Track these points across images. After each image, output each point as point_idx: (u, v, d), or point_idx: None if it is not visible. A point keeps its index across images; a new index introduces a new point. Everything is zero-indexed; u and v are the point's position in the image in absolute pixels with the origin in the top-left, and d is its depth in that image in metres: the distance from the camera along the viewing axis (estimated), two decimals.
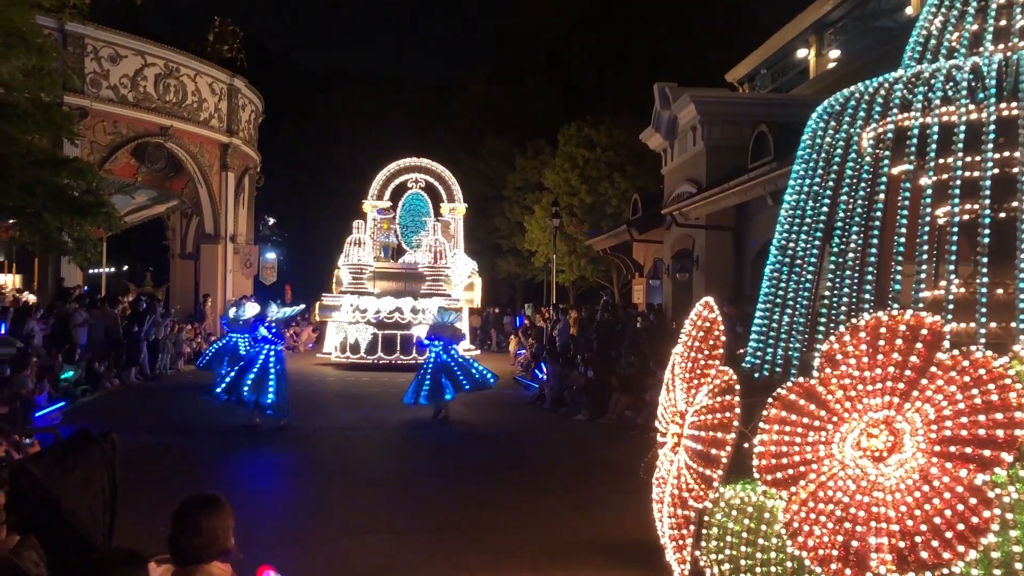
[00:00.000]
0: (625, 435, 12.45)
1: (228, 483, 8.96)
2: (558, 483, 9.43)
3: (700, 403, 5.05)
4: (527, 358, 22.81)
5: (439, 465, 10.57)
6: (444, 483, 9.45)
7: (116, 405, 15.24)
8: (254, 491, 8.71)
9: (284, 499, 8.67)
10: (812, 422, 4.32)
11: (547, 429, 13.64)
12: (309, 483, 9.39)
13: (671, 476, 5.21)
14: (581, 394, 14.65)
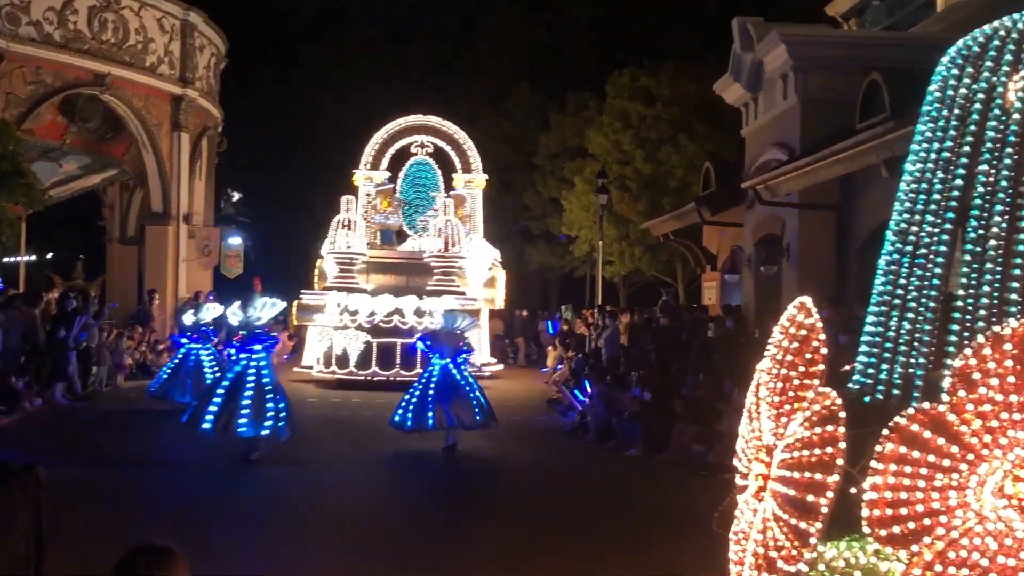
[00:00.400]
0: (693, 476, 12.38)
1: (182, 530, 9.05)
2: (603, 538, 9.42)
3: (793, 435, 5.02)
4: (564, 375, 22.82)
5: (448, 512, 10.60)
6: (455, 535, 9.47)
7: (38, 430, 15.42)
8: (213, 541, 8.79)
9: (251, 553, 8.74)
10: (940, 461, 4.28)
11: (589, 468, 13.62)
12: (282, 534, 9.45)
13: (754, 530, 5.18)
14: (635, 423, 14.61)
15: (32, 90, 23.09)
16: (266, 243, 49.77)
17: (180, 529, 9.05)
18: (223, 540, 8.98)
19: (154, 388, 18.06)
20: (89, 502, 10.03)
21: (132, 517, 9.67)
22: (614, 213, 31.43)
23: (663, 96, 31.09)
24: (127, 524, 9.24)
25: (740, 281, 21.83)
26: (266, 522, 9.92)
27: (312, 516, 10.25)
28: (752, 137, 21.55)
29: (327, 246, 24.76)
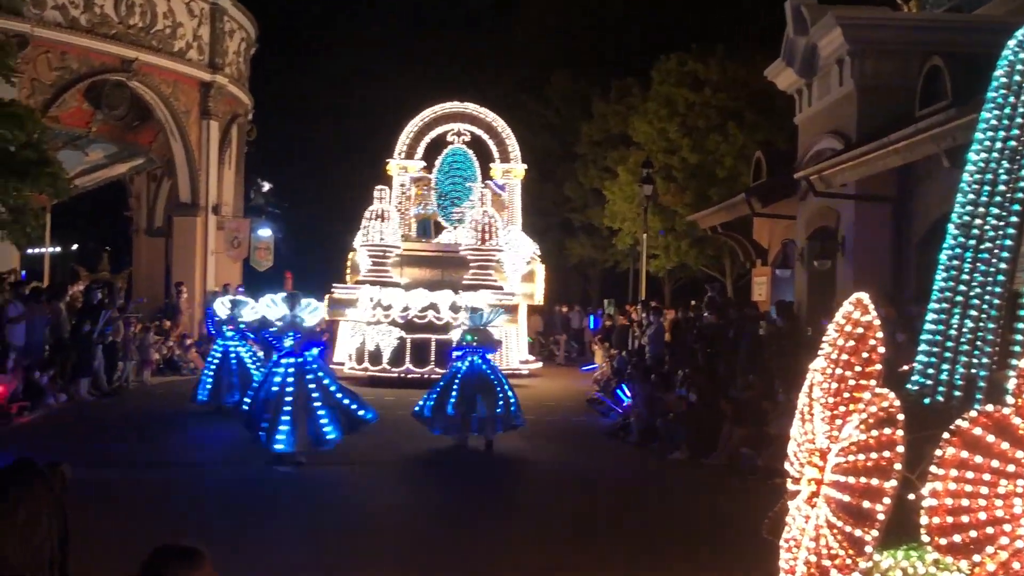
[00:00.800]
0: (741, 481, 12.35)
1: (210, 531, 9.13)
2: (646, 545, 9.41)
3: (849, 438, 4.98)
4: (605, 374, 22.79)
5: (484, 517, 10.61)
6: (491, 540, 9.48)
7: (62, 427, 15.63)
8: (241, 544, 8.86)
9: (280, 556, 8.80)
10: (1004, 466, 4.24)
11: (632, 471, 13.60)
12: (313, 537, 9.51)
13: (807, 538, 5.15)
14: (680, 424, 14.57)
15: (57, 76, 23.38)
16: (297, 235, 50.01)
17: (207, 530, 9.14)
18: (251, 542, 9.06)
19: (204, 398, 17.42)
20: (114, 502, 10.16)
21: (158, 518, 9.76)
22: (659, 204, 31.32)
23: (711, 82, 30.94)
24: (153, 525, 9.33)
25: (792, 276, 21.66)
26: (296, 525, 9.99)
27: (344, 519, 10.31)
28: (805, 125, 21.36)
29: (360, 238, 24.86)
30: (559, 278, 39.89)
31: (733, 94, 30.49)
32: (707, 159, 30.66)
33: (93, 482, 10.29)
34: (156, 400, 19.51)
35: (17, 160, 16.09)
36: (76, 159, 27.53)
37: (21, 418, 15.73)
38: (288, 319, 12.73)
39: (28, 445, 13.38)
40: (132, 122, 27.23)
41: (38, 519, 3.23)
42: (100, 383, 19.36)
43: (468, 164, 27.71)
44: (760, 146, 25.96)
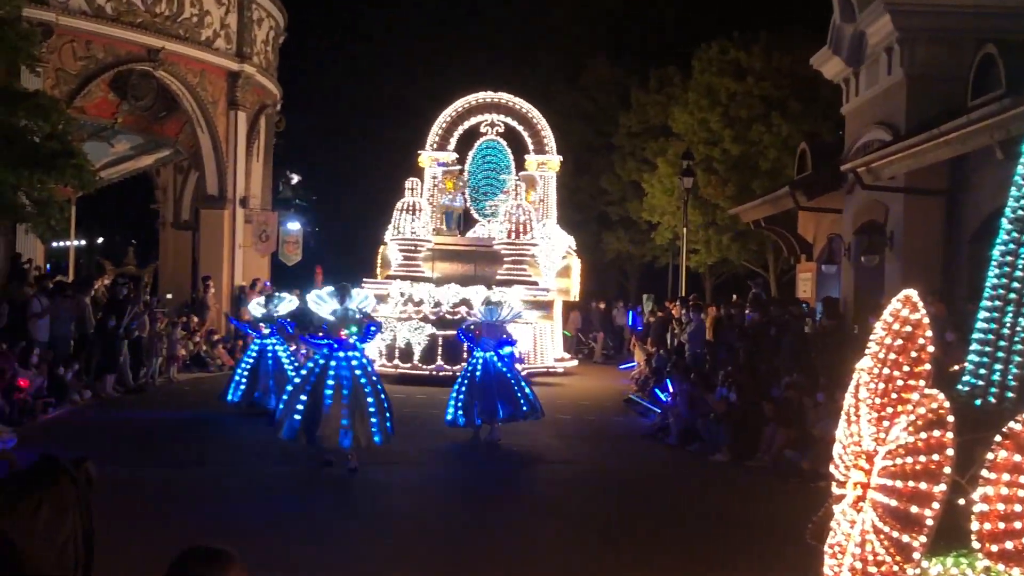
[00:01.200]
0: (784, 484, 12.31)
1: (237, 532, 9.20)
2: (687, 549, 9.40)
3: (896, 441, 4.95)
4: (643, 372, 22.74)
5: (518, 519, 10.63)
6: (526, 543, 9.50)
7: (88, 425, 15.79)
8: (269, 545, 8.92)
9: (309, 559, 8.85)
10: None
11: (671, 473, 13.58)
12: (344, 539, 9.56)
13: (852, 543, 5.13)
14: (721, 425, 14.53)
15: (82, 66, 23.57)
16: (326, 229, 50.36)
17: (234, 531, 9.21)
18: (281, 543, 9.11)
19: (236, 399, 17.12)
20: (141, 501, 10.26)
21: (184, 518, 9.85)
22: (700, 198, 31.23)
23: (755, 71, 30.79)
24: (179, 525, 9.43)
25: (838, 272, 21.54)
26: (328, 525, 10.03)
27: (376, 520, 10.36)
28: (853, 115, 21.22)
29: (390, 232, 24.94)
30: (595, 273, 39.85)
31: (777, 83, 30.33)
32: (750, 151, 30.52)
33: (119, 480, 10.40)
34: (183, 397, 19.66)
35: (42, 152, 16.24)
36: (101, 151, 27.79)
37: (46, 415, 15.90)
38: (340, 313, 12.49)
39: (53, 442, 13.53)
40: (158, 113, 27.42)
41: (63, 518, 3.26)
42: (125, 379, 19.53)
43: (502, 156, 27.74)
44: (805, 137, 25.79)
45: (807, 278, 24.22)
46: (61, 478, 3.33)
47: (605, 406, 20.28)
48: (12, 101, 15.98)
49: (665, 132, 34.55)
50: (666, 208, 33.62)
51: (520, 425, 16.22)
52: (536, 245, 24.87)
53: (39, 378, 16.30)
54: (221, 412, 16.93)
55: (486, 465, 13.64)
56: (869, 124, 19.84)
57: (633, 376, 23.98)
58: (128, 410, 17.59)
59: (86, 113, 24.40)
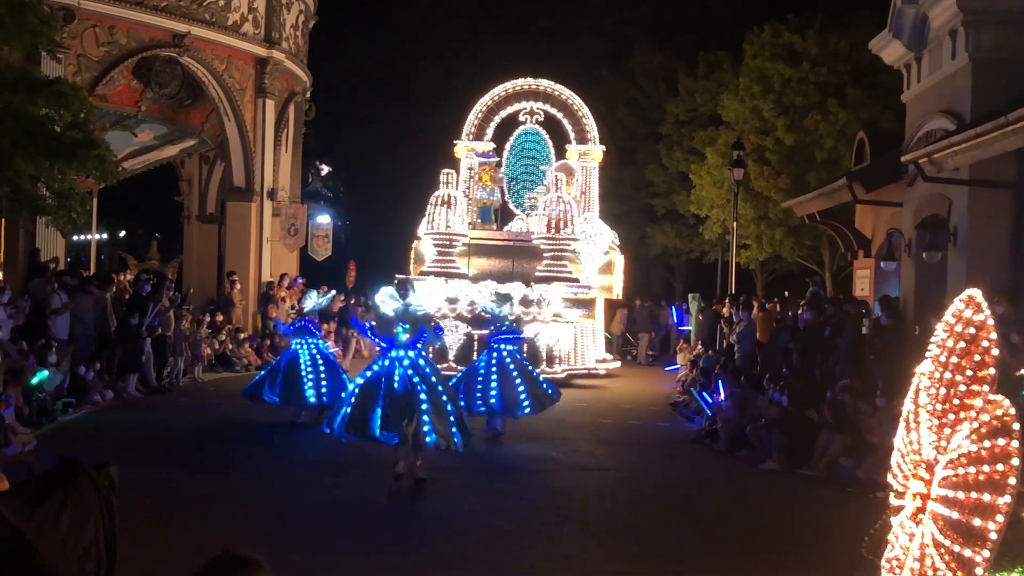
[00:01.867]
0: (839, 494, 12.26)
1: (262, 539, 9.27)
2: (736, 562, 9.38)
3: (958, 449, 4.92)
4: (688, 374, 22.68)
5: (557, 529, 10.63)
6: (565, 555, 9.50)
7: (108, 425, 15.94)
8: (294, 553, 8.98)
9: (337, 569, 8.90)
10: None
11: (719, 481, 13.54)
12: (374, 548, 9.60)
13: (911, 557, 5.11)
14: (772, 431, 14.47)
15: (105, 52, 23.75)
16: (357, 222, 50.50)
17: (259, 538, 9.28)
18: (314, 553, 9.17)
19: (273, 398, 16.42)
20: (166, 506, 10.35)
21: (209, 524, 9.94)
22: (751, 190, 31.08)
23: (810, 55, 30.56)
24: (203, 531, 9.52)
25: (898, 270, 21.36)
26: (362, 535, 10.08)
27: (408, 530, 10.38)
28: (914, 103, 21.04)
29: (424, 226, 25.00)
30: (640, 270, 39.81)
31: (834, 69, 30.09)
32: (804, 140, 30.33)
33: (142, 484, 10.50)
34: (209, 398, 19.80)
35: (62, 141, 16.40)
36: (124, 140, 28.02)
37: (65, 416, 16.08)
38: (400, 310, 12.39)
39: (73, 444, 13.69)
40: (183, 101, 27.63)
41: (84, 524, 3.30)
42: (148, 380, 19.70)
43: (541, 146, 27.72)
44: (863, 126, 25.61)
45: (864, 276, 24.06)
46: (83, 482, 3.37)
47: (649, 410, 20.26)
48: (32, 89, 16.13)
49: (714, 120, 34.39)
50: (715, 201, 33.47)
51: (558, 430, 16.29)
52: (577, 240, 24.84)
53: (58, 377, 16.48)
54: (251, 412, 16.98)
55: (524, 471, 13.63)
56: (932, 112, 19.67)
57: (679, 379, 23.92)
58: (151, 411, 17.77)
59: (108, 101, 24.60)
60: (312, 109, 32.42)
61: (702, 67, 37.04)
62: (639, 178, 40.04)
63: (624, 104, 40.86)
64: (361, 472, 12.69)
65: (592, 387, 23.05)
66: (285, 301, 27.50)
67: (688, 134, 36.59)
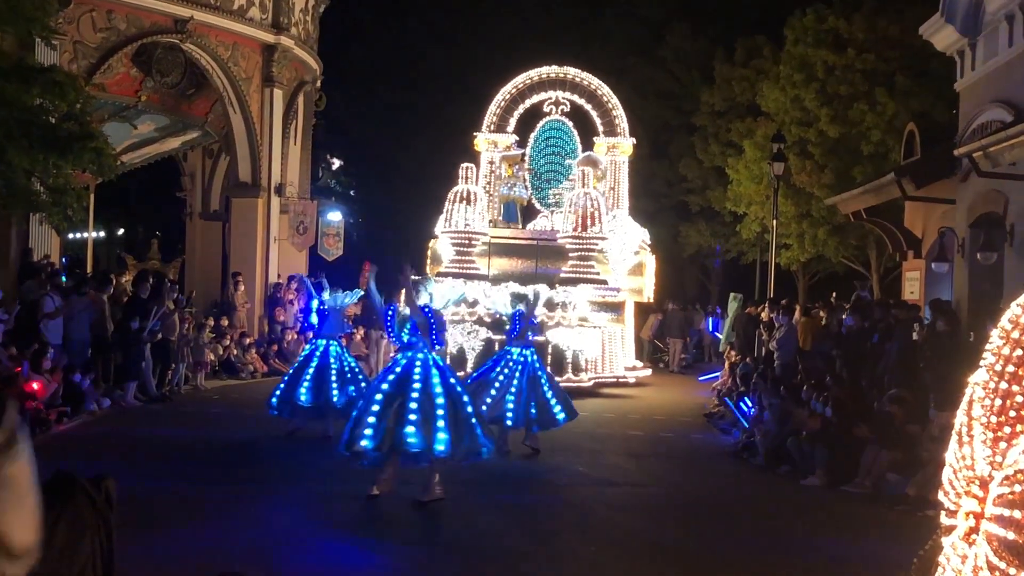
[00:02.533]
0: (886, 512, 12.19)
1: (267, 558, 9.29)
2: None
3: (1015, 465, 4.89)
4: (725, 383, 22.62)
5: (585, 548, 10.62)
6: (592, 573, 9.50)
7: (106, 437, 15.99)
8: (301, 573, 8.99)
9: None
10: None
11: (757, 499, 13.50)
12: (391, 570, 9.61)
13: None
14: (815, 444, 14.42)
15: (103, 38, 23.84)
16: (370, 219, 50.59)
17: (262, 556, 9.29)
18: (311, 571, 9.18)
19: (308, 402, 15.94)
20: (165, 522, 10.36)
21: (210, 540, 9.94)
22: (792, 186, 31.02)
23: (856, 41, 30.47)
24: (204, 548, 9.52)
25: (950, 271, 21.28)
26: (365, 553, 10.08)
27: (421, 548, 10.37)
28: (968, 92, 20.95)
29: (442, 224, 25.00)
30: (672, 271, 39.74)
31: (882, 55, 30.00)
32: (850, 132, 30.25)
33: (142, 498, 10.54)
34: (212, 407, 19.87)
35: (57, 133, 16.47)
36: (123, 132, 28.12)
37: (60, 425, 16.14)
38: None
39: (67, 456, 13.73)
40: (186, 90, 27.74)
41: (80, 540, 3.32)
42: (148, 387, 19.76)
43: (567, 138, 27.71)
44: (913, 117, 25.53)
45: (914, 278, 23.96)
46: (78, 497, 3.39)
47: (682, 421, 20.23)
48: (25, 77, 16.21)
49: (753, 111, 34.37)
50: (753, 198, 33.43)
51: (584, 442, 16.26)
52: (605, 239, 24.81)
53: (52, 384, 16.53)
54: (257, 421, 17.02)
55: (548, 486, 13.62)
56: (987, 102, 19.58)
57: (715, 387, 23.86)
58: (151, 421, 17.82)
59: (106, 91, 24.69)
60: (323, 99, 32.49)
61: (740, 53, 36.97)
62: (672, 173, 40.02)
63: (656, 94, 40.84)
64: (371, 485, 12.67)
65: (621, 396, 23.03)
66: (293, 304, 27.58)
67: (724, 126, 36.55)
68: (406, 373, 11.66)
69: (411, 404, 11.39)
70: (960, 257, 20.19)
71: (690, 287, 44.56)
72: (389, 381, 11.69)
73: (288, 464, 14.40)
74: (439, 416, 11.46)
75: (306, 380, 15.88)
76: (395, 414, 11.40)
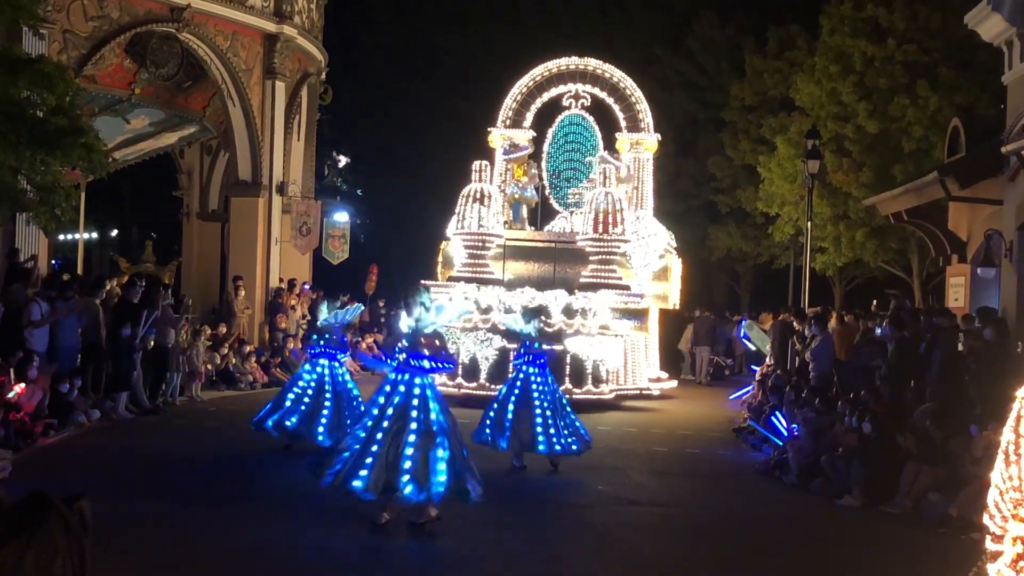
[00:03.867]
0: (928, 534, 12.13)
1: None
2: None
3: None
4: (756, 396, 22.54)
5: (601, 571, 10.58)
6: None
7: (94, 451, 16.01)
8: None
9: None
10: None
11: (790, 518, 13.46)
12: None
13: None
14: (851, 461, 14.36)
15: (94, 28, 23.87)
16: (378, 221, 50.67)
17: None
18: None
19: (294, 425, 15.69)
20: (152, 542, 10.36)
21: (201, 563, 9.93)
22: (828, 185, 31.00)
23: (897, 31, 30.44)
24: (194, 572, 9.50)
25: (997, 277, 21.21)
26: None
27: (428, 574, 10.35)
28: (1016, 86, 20.89)
29: (454, 225, 24.98)
30: (700, 276, 39.71)
31: (924, 46, 29.98)
32: (890, 128, 30.24)
33: (129, 517, 10.54)
34: (208, 419, 19.85)
35: (46, 128, 16.43)
36: (116, 127, 28.18)
37: (46, 439, 16.13)
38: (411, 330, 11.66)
39: (52, 472, 13.75)
40: (182, 83, 27.77)
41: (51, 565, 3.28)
42: (139, 399, 19.75)
43: (587, 134, 27.71)
44: (958, 112, 25.47)
45: (959, 283, 23.90)
46: (51, 519, 3.35)
47: (710, 436, 20.17)
48: (11, 69, 16.19)
49: (786, 105, 34.37)
50: (787, 198, 33.40)
51: (605, 459, 16.23)
52: (628, 242, 24.77)
53: (38, 394, 16.52)
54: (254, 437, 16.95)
55: (564, 506, 13.57)
56: None
57: (745, 400, 23.78)
58: (142, 434, 17.84)
59: (98, 83, 24.79)
60: (328, 92, 32.52)
61: (772, 44, 36.99)
62: (700, 171, 40.03)
63: (683, 87, 40.87)
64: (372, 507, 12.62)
65: (644, 409, 22.99)
66: (295, 310, 27.59)
67: (756, 121, 36.56)
68: (403, 405, 11.18)
69: (407, 450, 10.92)
70: (1008, 262, 20.11)
71: (719, 293, 44.51)
72: (388, 416, 11.16)
73: (284, 482, 14.30)
74: (439, 459, 10.99)
75: (301, 407, 15.71)
76: (390, 455, 10.94)
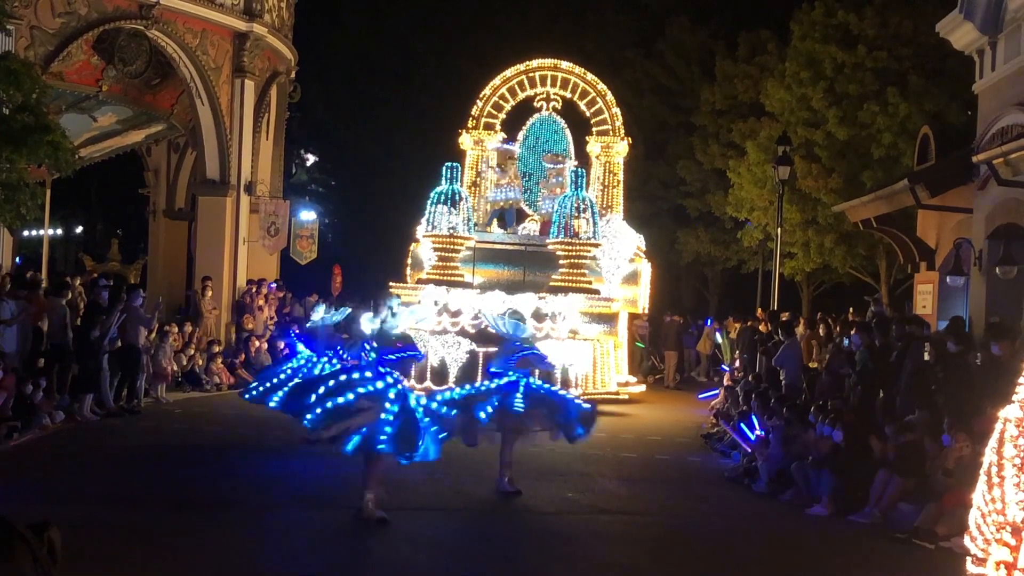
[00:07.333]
0: (898, 545, 12.09)
1: None
2: None
3: None
4: (723, 402, 22.56)
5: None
6: None
7: (59, 454, 15.87)
8: None
9: None
10: None
11: (758, 528, 13.44)
12: None
13: None
14: (822, 471, 14.36)
15: (62, 24, 23.70)
16: (346, 221, 50.57)
17: None
18: None
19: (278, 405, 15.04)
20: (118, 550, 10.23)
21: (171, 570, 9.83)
22: (797, 190, 31.03)
23: (867, 37, 30.50)
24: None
25: (966, 285, 21.29)
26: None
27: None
28: (987, 94, 20.98)
29: (423, 227, 24.91)
30: (669, 280, 39.76)
31: (894, 53, 30.04)
32: (860, 135, 30.28)
33: (94, 524, 10.41)
34: (174, 422, 19.72)
35: (11, 125, 16.33)
36: (82, 125, 28.03)
37: (10, 441, 15.98)
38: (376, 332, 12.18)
39: (16, 474, 13.61)
40: (150, 80, 27.61)
41: None
42: (105, 400, 19.58)
43: (559, 137, 27.66)
44: (928, 120, 25.59)
45: (927, 291, 23.96)
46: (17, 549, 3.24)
47: (678, 442, 20.15)
48: None
49: (756, 110, 34.37)
50: (756, 203, 33.40)
51: (573, 465, 16.18)
52: (598, 245, 24.74)
53: (2, 395, 16.36)
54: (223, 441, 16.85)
55: (529, 512, 13.47)
56: (1008, 105, 19.59)
57: (713, 406, 23.79)
58: (108, 437, 17.68)
59: (65, 80, 24.63)
60: (297, 91, 32.42)
61: (743, 49, 37.00)
62: (669, 175, 40.06)
63: (653, 91, 40.85)
64: (344, 505, 12.49)
65: (613, 414, 22.92)
66: (263, 311, 27.44)
67: (726, 125, 36.55)
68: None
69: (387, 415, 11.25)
70: (977, 270, 20.20)
71: (687, 297, 44.57)
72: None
73: (254, 486, 14.23)
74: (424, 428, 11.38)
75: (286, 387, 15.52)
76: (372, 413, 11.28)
